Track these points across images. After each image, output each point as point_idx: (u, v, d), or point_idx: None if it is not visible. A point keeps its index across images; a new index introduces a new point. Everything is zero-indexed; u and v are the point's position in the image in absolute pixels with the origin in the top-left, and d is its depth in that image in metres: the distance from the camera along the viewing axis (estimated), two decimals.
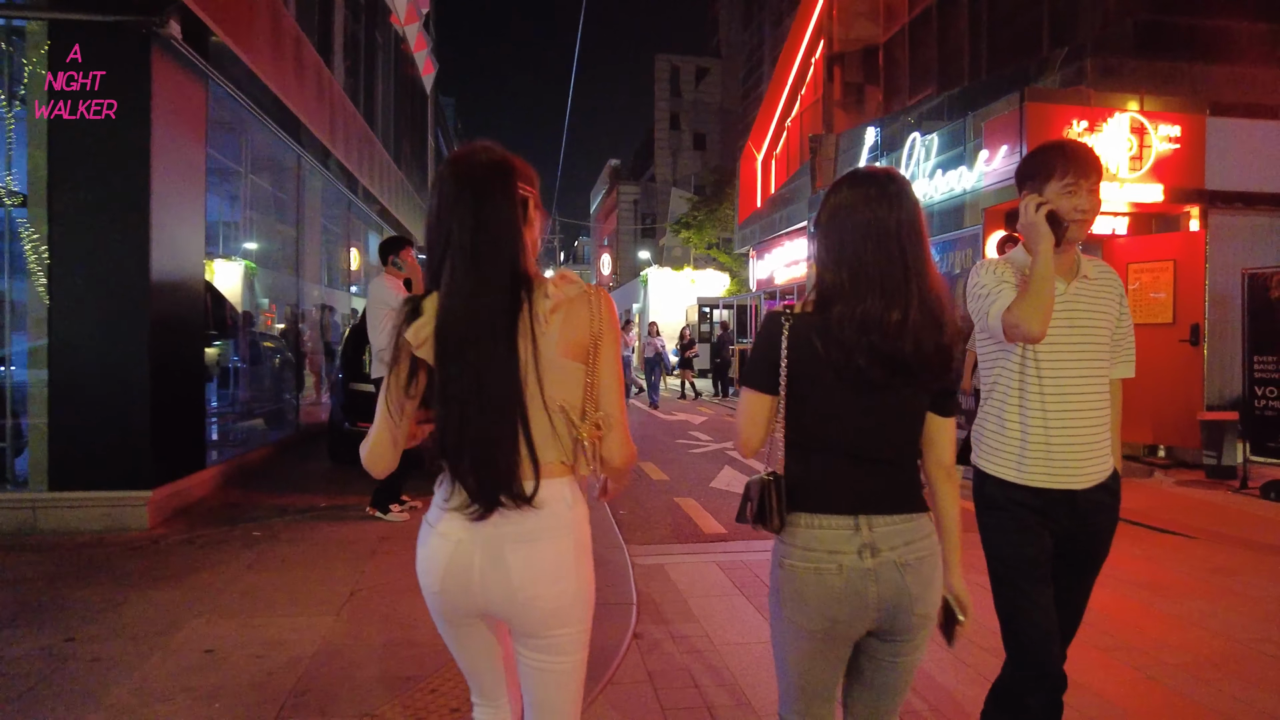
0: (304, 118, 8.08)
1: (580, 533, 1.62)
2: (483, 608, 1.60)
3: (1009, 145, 8.49)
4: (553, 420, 1.56)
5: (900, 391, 1.65)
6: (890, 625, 1.66)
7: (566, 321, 1.56)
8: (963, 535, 1.77)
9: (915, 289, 1.61)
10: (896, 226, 1.63)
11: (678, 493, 7.54)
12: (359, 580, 4.52)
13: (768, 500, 1.67)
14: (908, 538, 1.64)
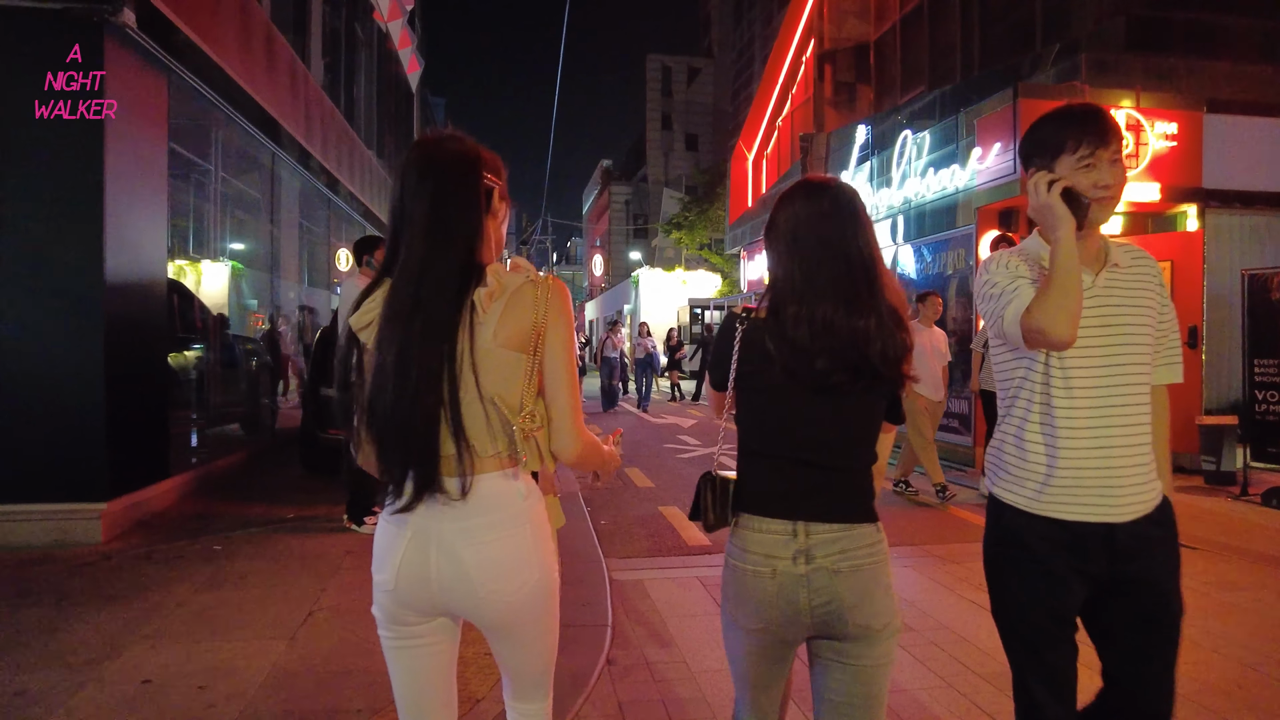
0: (276, 113, 7.82)
1: (538, 522, 1.60)
2: (442, 606, 1.57)
3: (1002, 143, 8.28)
4: (488, 414, 1.52)
5: (857, 398, 1.65)
6: (829, 633, 1.65)
7: (507, 311, 1.53)
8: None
9: (880, 296, 1.64)
10: (853, 235, 1.66)
11: (662, 501, 7.30)
12: (319, 599, 4.26)
13: (701, 499, 1.73)
14: (844, 546, 1.63)
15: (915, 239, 10.22)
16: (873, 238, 1.69)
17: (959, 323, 9.22)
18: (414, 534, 1.54)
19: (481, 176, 1.59)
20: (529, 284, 1.55)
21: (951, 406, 9.28)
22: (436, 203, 1.54)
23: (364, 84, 14.24)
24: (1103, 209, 1.78)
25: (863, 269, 1.65)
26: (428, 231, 1.53)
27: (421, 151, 1.59)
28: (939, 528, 6.33)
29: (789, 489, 1.66)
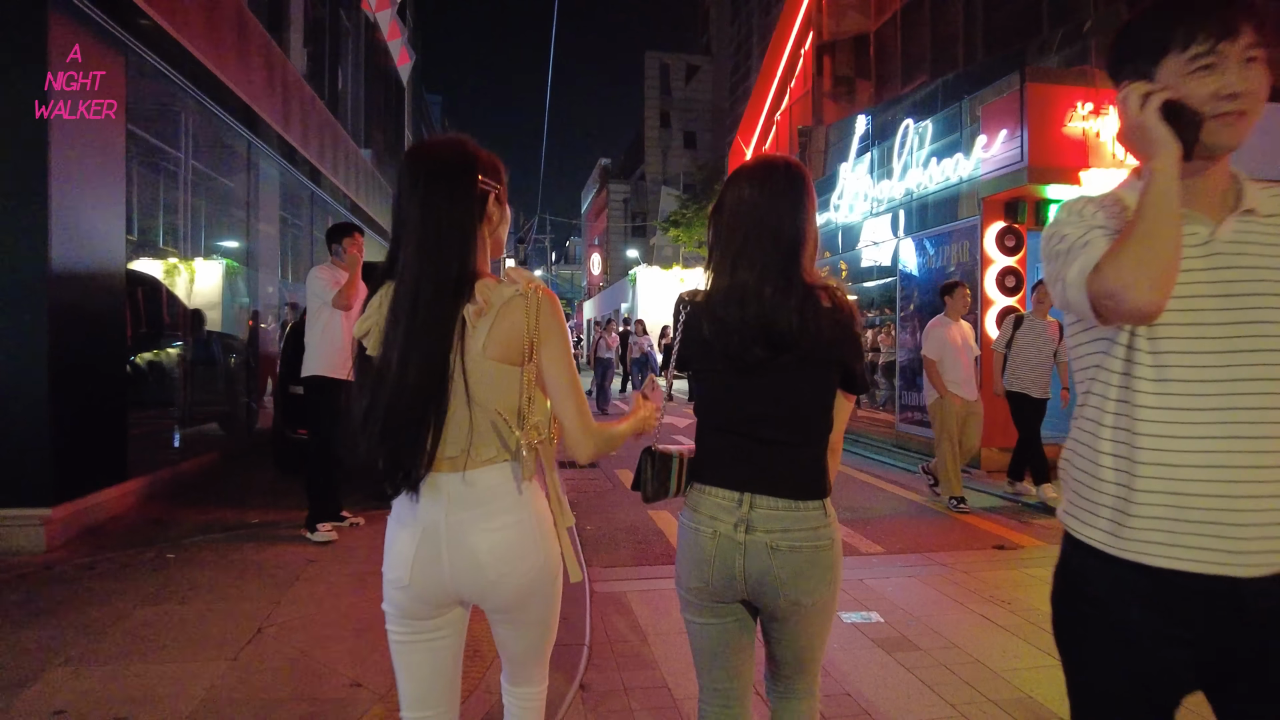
0: (248, 98, 7.46)
1: (540, 508, 1.68)
2: (455, 595, 1.64)
3: (1008, 130, 7.92)
4: (474, 420, 1.59)
5: (789, 374, 1.66)
6: (761, 604, 1.72)
7: (497, 325, 1.58)
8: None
9: (794, 270, 1.66)
10: (782, 212, 1.68)
11: (652, 504, 6.93)
12: (271, 614, 3.91)
13: (642, 471, 1.77)
14: (786, 524, 1.66)
15: (917, 232, 9.86)
16: (807, 216, 1.71)
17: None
18: (423, 530, 1.61)
19: (476, 181, 1.61)
20: (518, 297, 1.59)
21: None
22: (428, 209, 1.58)
23: (350, 75, 13.88)
24: (1229, 130, 1.26)
25: (784, 246, 1.68)
26: (421, 238, 1.57)
27: (416, 156, 1.63)
28: (943, 533, 5.98)
29: (738, 464, 1.70)
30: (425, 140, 1.68)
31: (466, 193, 1.60)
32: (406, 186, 1.60)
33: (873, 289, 11.93)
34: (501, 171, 1.70)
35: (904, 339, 10.33)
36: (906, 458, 9.58)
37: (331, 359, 5.12)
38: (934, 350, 6.61)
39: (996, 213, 8.45)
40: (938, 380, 6.59)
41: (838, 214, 11.97)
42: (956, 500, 6.68)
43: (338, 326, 5.11)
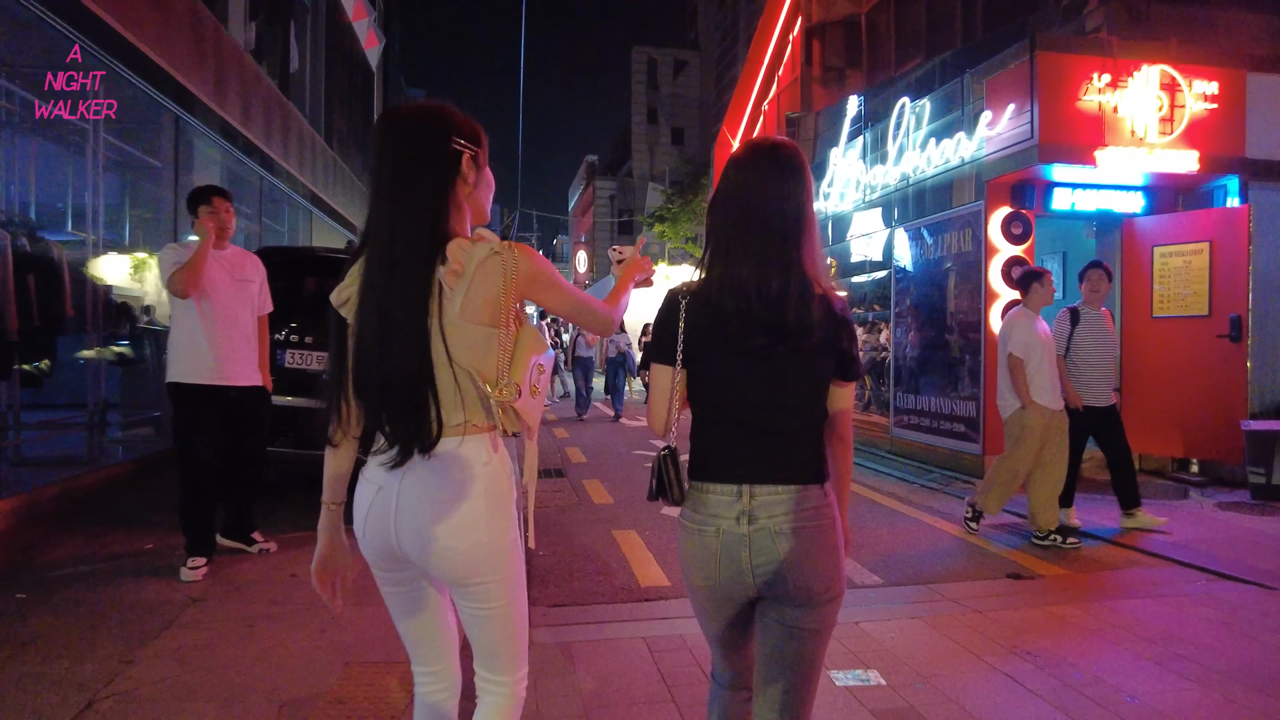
0: (166, 64, 6.60)
1: (496, 488, 1.66)
2: (401, 555, 1.67)
3: (1017, 104, 7.15)
4: (459, 382, 1.60)
5: (789, 361, 1.66)
6: (771, 592, 1.68)
7: (474, 286, 1.58)
8: None
9: (794, 257, 1.66)
10: (776, 198, 1.67)
11: (619, 523, 6.14)
12: (117, 677, 3.08)
13: (665, 474, 1.73)
14: (787, 507, 1.66)
15: (914, 220, 9.09)
16: (803, 200, 1.69)
17: (966, 314, 8.08)
18: (379, 490, 1.65)
19: (449, 140, 1.61)
20: (493, 255, 1.59)
21: (958, 410, 8.16)
22: (400, 165, 1.58)
23: (308, 55, 12.99)
24: None
25: (780, 232, 1.66)
26: (394, 195, 1.58)
27: (387, 117, 1.65)
28: (949, 558, 5.19)
29: (734, 453, 1.69)
30: (399, 104, 1.68)
31: (440, 152, 1.61)
32: (378, 148, 1.61)
33: (865, 284, 11.16)
34: (481, 135, 1.69)
35: (899, 336, 9.56)
36: (903, 466, 8.81)
37: (185, 362, 4.21)
38: (1022, 348, 5.43)
39: (1002, 197, 7.68)
40: (1024, 386, 5.42)
41: (828, 203, 11.19)
42: (1055, 534, 5.42)
43: (194, 321, 4.17)
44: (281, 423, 5.56)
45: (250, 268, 4.49)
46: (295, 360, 5.57)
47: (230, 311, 4.23)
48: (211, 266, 4.15)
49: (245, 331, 4.36)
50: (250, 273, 4.47)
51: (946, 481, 7.84)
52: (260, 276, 4.55)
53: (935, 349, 8.70)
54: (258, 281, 4.50)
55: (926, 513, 6.59)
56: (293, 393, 5.57)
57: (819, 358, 1.68)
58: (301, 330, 5.62)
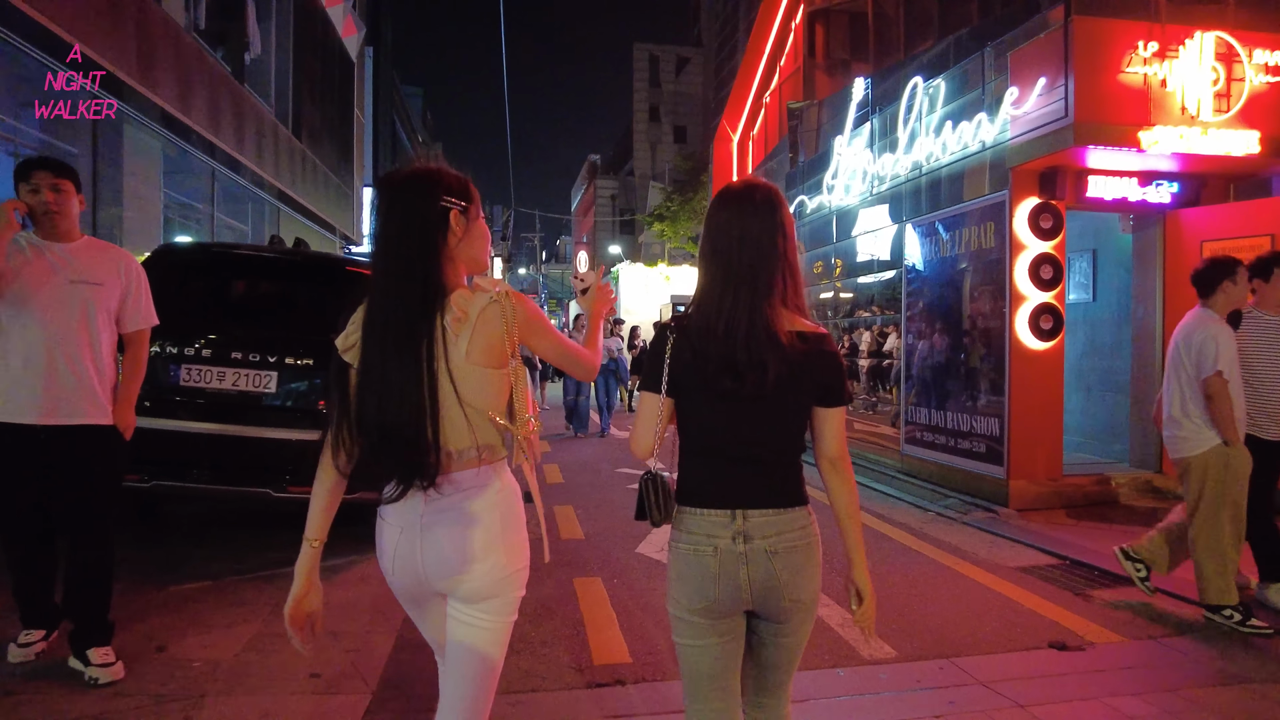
0: (62, 29, 5.72)
1: (508, 513, 1.81)
2: (430, 588, 1.79)
3: (1048, 78, 6.22)
4: (469, 419, 1.74)
5: (759, 399, 1.75)
6: (764, 608, 1.80)
7: (477, 332, 1.74)
8: None
9: (745, 301, 1.75)
10: (740, 238, 1.78)
11: (585, 567, 5.22)
12: None
13: (646, 497, 1.82)
14: (779, 528, 1.77)
15: (927, 214, 8.15)
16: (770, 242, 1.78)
17: (988, 318, 7.15)
18: (402, 531, 1.78)
19: (438, 200, 1.76)
20: (492, 304, 1.75)
21: (979, 426, 7.22)
22: (391, 229, 1.76)
23: (273, 42, 12.12)
24: None
25: (738, 276, 1.77)
26: (387, 256, 1.75)
27: (384, 180, 1.83)
28: (975, 616, 4.25)
29: (724, 483, 1.79)
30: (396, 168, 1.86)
31: (427, 210, 1.75)
32: (377, 210, 1.81)
33: (873, 285, 10.23)
34: (471, 190, 1.83)
35: (910, 342, 8.62)
36: (916, 489, 7.87)
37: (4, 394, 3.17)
38: (1229, 364, 4.05)
39: (1029, 186, 6.75)
40: (1228, 416, 4.03)
41: (832, 196, 10.26)
42: (1236, 614, 4.10)
43: (14, 339, 3.16)
44: (191, 453, 4.71)
45: (106, 268, 3.34)
46: (194, 378, 4.67)
47: (58, 324, 3.16)
48: (35, 264, 3.19)
49: (82, 351, 3.22)
50: (103, 274, 3.32)
51: (966, 509, 6.90)
52: (129, 280, 3.39)
53: (951, 357, 7.76)
54: (118, 287, 3.36)
55: (945, 551, 5.66)
56: (212, 418, 4.70)
57: (790, 394, 1.77)
58: (210, 342, 4.72)
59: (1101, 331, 8.48)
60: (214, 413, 4.67)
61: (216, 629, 3.87)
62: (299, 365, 4.78)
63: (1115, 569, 5.13)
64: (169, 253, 5.08)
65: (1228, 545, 4.11)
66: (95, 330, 3.29)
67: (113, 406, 3.33)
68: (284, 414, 4.77)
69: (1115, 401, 8.17)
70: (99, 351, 3.30)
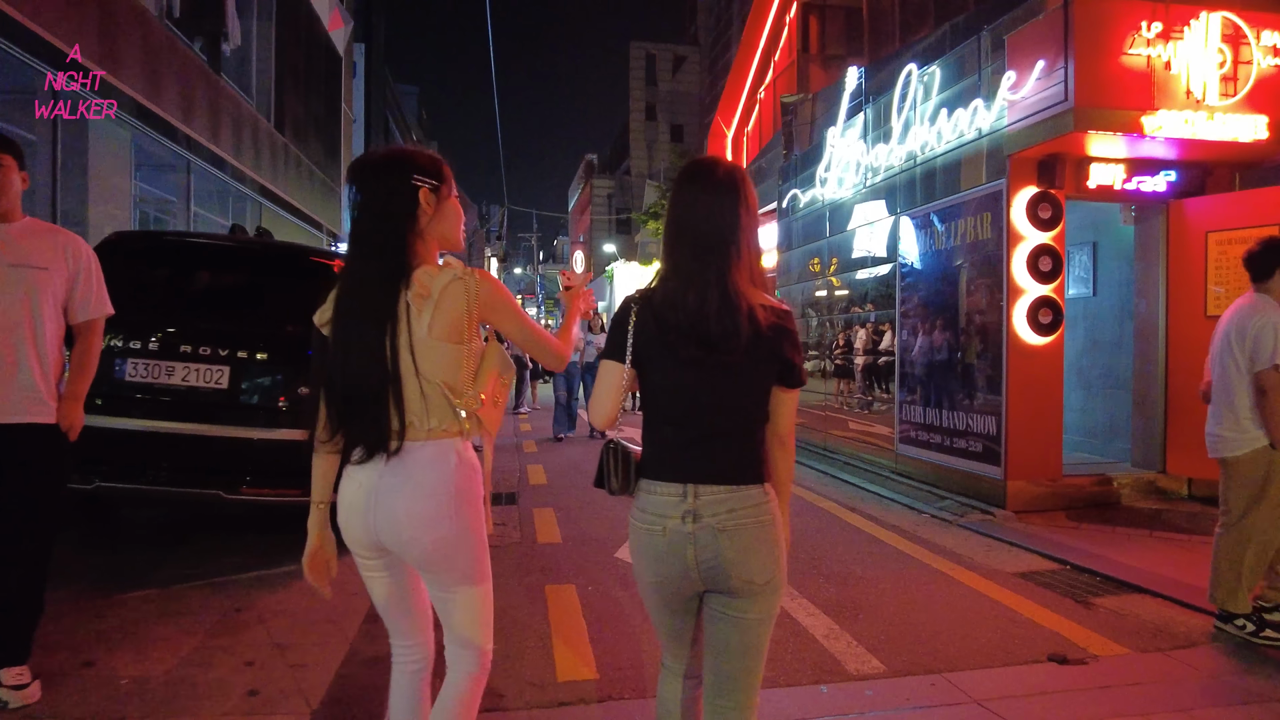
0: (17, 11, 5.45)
1: (463, 487, 1.88)
2: (375, 540, 1.88)
3: (1047, 61, 5.95)
4: (425, 392, 1.82)
5: (723, 369, 1.76)
6: (715, 585, 1.81)
7: (439, 307, 1.80)
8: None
9: (719, 271, 1.76)
10: (707, 213, 1.79)
11: (559, 573, 4.95)
12: None
13: (605, 465, 1.86)
14: (731, 505, 1.77)
15: (922, 205, 7.89)
16: (735, 217, 1.80)
17: (985, 313, 6.88)
18: (360, 487, 1.87)
19: (408, 179, 1.83)
20: (456, 281, 1.82)
21: (975, 425, 6.96)
22: (361, 210, 1.84)
23: (254, 34, 11.84)
24: None
25: (707, 247, 1.78)
26: (356, 236, 1.86)
27: (356, 161, 1.91)
28: (971, 626, 3.98)
29: (680, 455, 1.80)
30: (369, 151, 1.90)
31: (396, 189, 1.82)
32: (349, 189, 1.87)
33: (867, 280, 9.96)
34: (443, 170, 1.89)
35: (904, 338, 8.36)
36: (911, 490, 7.60)
37: None
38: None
39: (1027, 175, 6.48)
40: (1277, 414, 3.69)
41: (825, 189, 10.00)
42: (1249, 624, 3.81)
43: None
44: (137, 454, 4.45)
45: (50, 252, 3.03)
46: (140, 373, 4.39)
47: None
48: None
49: (23, 342, 2.94)
50: (48, 258, 3.01)
51: (962, 511, 6.64)
52: (78, 265, 3.09)
53: (947, 353, 7.50)
54: (65, 272, 3.06)
55: (940, 555, 5.39)
56: (159, 415, 4.43)
57: (756, 366, 1.79)
58: (158, 336, 4.45)
59: (1102, 327, 8.21)
60: (162, 410, 4.40)
61: (153, 642, 3.59)
62: (254, 360, 4.50)
63: (1118, 574, 4.87)
64: (118, 241, 4.80)
65: (1255, 556, 3.80)
66: (39, 319, 2.97)
67: (57, 404, 3.05)
68: (238, 411, 4.50)
69: (1116, 399, 7.91)
70: (42, 342, 2.99)
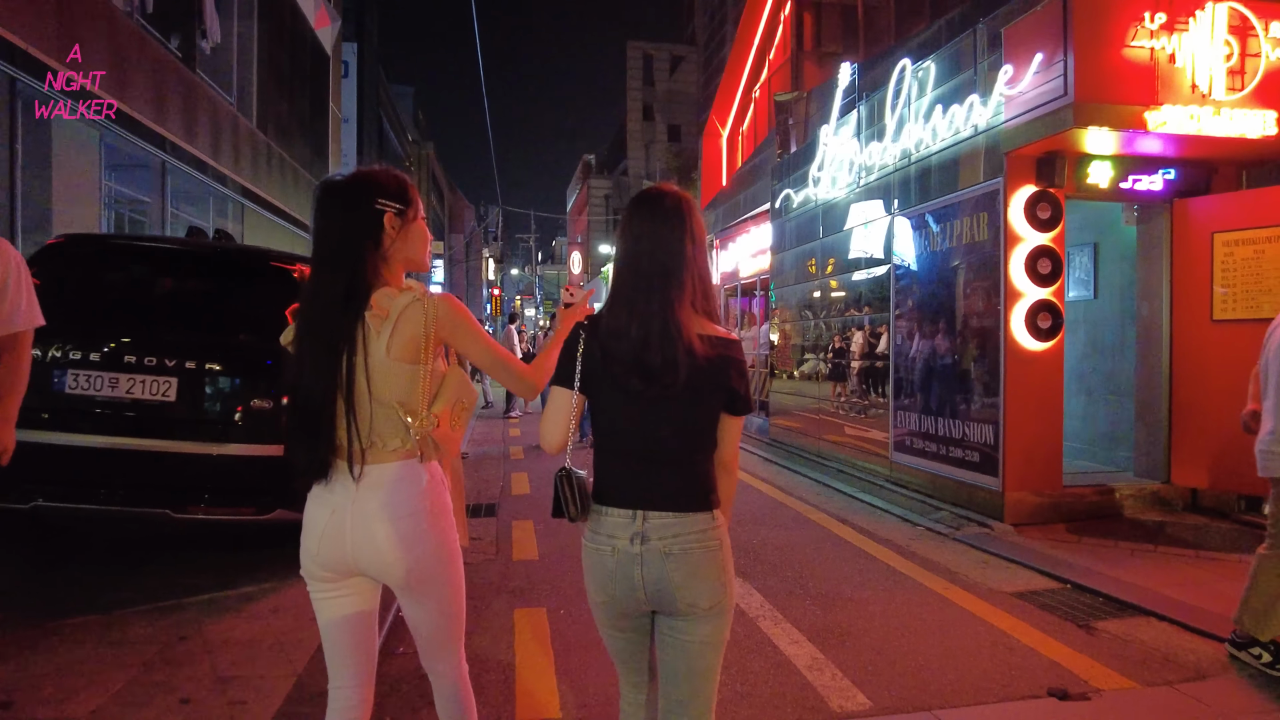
0: None
1: (435, 505, 1.92)
2: (355, 567, 1.89)
3: (1045, 54, 5.70)
4: (380, 413, 1.84)
5: (667, 400, 1.78)
6: (661, 607, 1.83)
7: (398, 329, 1.82)
8: None
9: (661, 303, 1.78)
10: (652, 244, 1.81)
11: (532, 594, 4.69)
12: None
13: (562, 493, 1.87)
14: (676, 531, 1.79)
15: (917, 205, 7.63)
16: (679, 247, 1.81)
17: (981, 316, 6.62)
18: (333, 510, 1.86)
19: (372, 205, 1.86)
20: (415, 302, 1.83)
21: (971, 434, 6.70)
22: (322, 234, 1.87)
23: (235, 32, 11.58)
24: None
25: (651, 278, 1.79)
26: (318, 259, 1.87)
27: (323, 186, 1.91)
28: (967, 656, 3.71)
29: (629, 482, 1.83)
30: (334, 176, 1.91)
31: (358, 213, 1.85)
32: (318, 211, 1.89)
33: (861, 282, 9.69)
34: (409, 193, 1.91)
35: (899, 344, 8.10)
36: (905, 500, 7.33)
37: None
38: None
39: (1025, 173, 6.22)
40: None
41: (818, 189, 9.73)
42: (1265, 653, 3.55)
43: None
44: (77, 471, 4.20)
45: None
46: (81, 385, 4.13)
47: None
48: None
49: None
50: None
51: (958, 523, 6.37)
52: (6, 274, 2.76)
53: (942, 358, 7.24)
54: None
55: (933, 573, 5.12)
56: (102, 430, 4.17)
57: (699, 396, 1.80)
58: (101, 345, 4.19)
59: (1103, 331, 7.95)
60: (105, 424, 4.14)
61: (83, 676, 3.33)
62: (204, 371, 4.24)
63: (1121, 594, 4.61)
64: (64, 244, 4.54)
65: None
66: None
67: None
68: (186, 425, 4.24)
69: (1118, 405, 7.64)
70: None
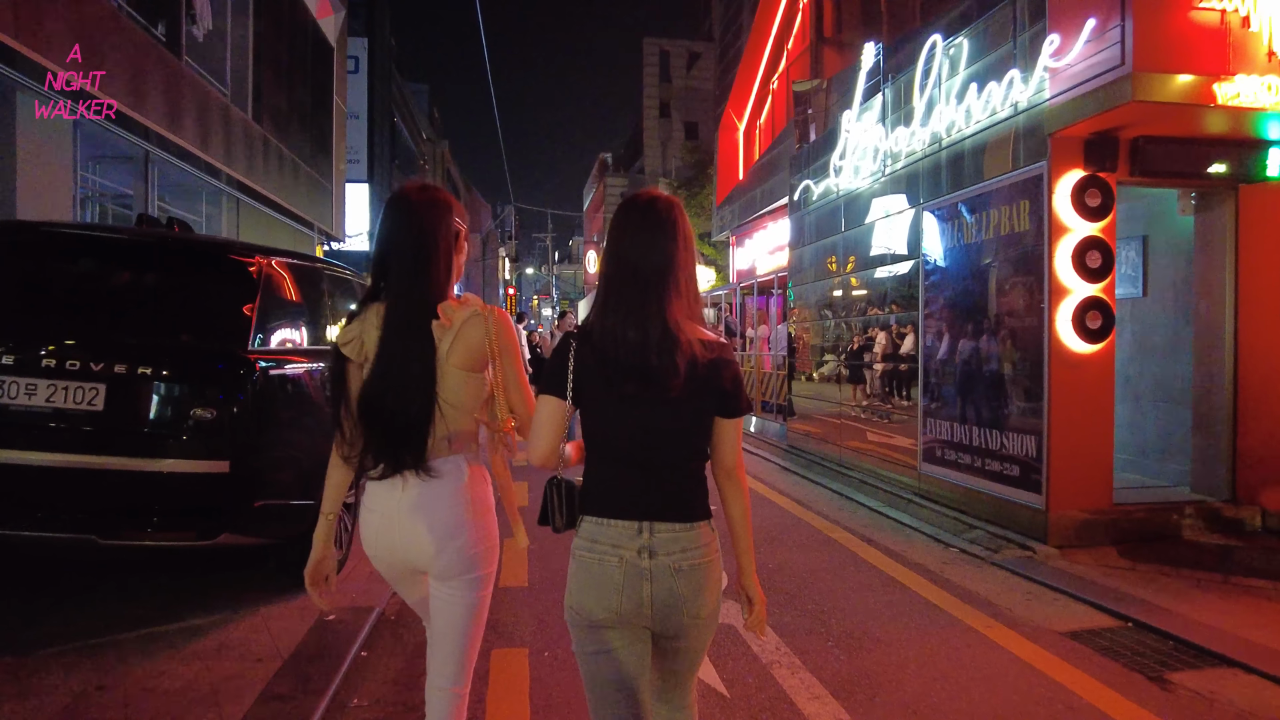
0: None
1: (477, 496, 2.03)
2: (407, 564, 2.02)
3: (1098, 19, 5.06)
4: (444, 413, 1.97)
5: (663, 404, 1.75)
6: (664, 627, 1.79)
7: (459, 339, 1.98)
8: None
9: (656, 307, 1.75)
10: (644, 249, 1.79)
11: (514, 631, 4.14)
12: None
13: (550, 501, 1.82)
14: (684, 545, 1.76)
15: (947, 194, 6.99)
16: (671, 252, 1.80)
17: (1021, 315, 5.99)
18: (383, 517, 1.99)
19: (453, 221, 2.05)
20: (476, 316, 2.00)
21: (1010, 445, 6.06)
22: (419, 242, 1.99)
23: (229, 19, 11.12)
24: None
25: (645, 283, 1.77)
26: (414, 265, 1.99)
27: (405, 197, 2.04)
28: (1007, 710, 3.11)
29: (628, 490, 1.78)
30: (409, 185, 2.07)
31: (449, 228, 2.03)
32: (401, 220, 2.01)
33: (887, 279, 9.05)
34: (464, 213, 2.11)
35: (928, 345, 7.46)
36: (936, 516, 6.70)
37: None
38: None
39: (1073, 156, 5.58)
40: None
41: (839, 179, 9.11)
42: None
43: None
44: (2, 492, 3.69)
45: None
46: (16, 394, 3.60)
47: None
48: None
49: None
50: None
51: (996, 545, 5.74)
52: None
53: (978, 362, 6.60)
54: None
55: (972, 606, 4.50)
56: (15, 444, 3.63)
57: (694, 399, 1.76)
58: (14, 346, 3.67)
59: (1153, 331, 7.27)
60: (19, 438, 3.61)
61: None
62: (137, 376, 3.71)
63: (1195, 637, 3.97)
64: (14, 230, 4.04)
65: None
66: None
67: None
68: (116, 439, 3.70)
69: (1170, 413, 6.96)
70: None
